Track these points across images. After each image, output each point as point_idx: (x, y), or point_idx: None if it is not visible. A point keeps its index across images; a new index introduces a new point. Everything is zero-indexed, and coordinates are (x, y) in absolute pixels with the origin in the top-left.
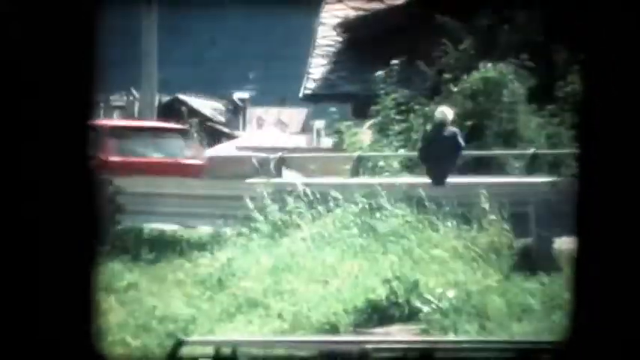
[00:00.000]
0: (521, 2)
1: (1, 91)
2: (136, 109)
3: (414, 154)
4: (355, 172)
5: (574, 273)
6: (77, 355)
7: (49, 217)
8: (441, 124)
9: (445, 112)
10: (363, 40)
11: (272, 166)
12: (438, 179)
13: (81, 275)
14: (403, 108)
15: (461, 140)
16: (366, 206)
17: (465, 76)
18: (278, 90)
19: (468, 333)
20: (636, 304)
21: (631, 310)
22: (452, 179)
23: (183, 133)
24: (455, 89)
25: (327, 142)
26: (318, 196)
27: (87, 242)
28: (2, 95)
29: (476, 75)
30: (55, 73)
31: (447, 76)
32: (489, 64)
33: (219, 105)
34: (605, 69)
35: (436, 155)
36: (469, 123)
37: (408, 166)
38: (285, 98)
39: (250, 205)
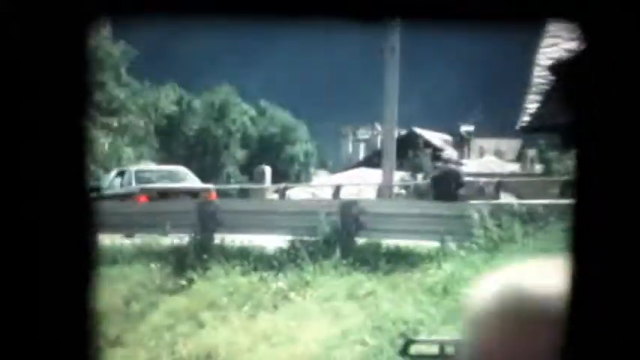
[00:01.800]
0: None
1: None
2: (379, 141)
3: None
4: (563, 194)
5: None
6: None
7: (45, 219)
8: (446, 162)
9: (449, 151)
10: (573, 79)
11: (491, 189)
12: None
13: (78, 278)
14: None
15: (460, 176)
16: None
17: None
18: (497, 123)
19: None
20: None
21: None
22: None
23: None
24: None
25: (538, 168)
26: (530, 215)
27: (84, 245)
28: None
29: None
30: (53, 73)
31: None
32: None
33: (448, 137)
34: None
35: (441, 186)
36: None
37: None
38: (503, 130)
39: (472, 222)
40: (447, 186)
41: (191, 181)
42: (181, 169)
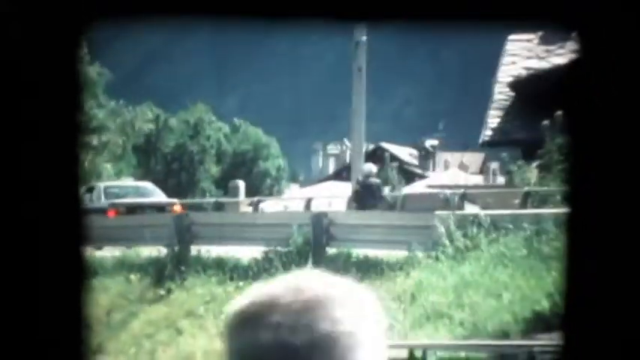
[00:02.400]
0: None
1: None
2: (347, 155)
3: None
4: (524, 204)
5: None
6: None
7: (39, 220)
8: (367, 176)
9: (370, 167)
10: (532, 95)
11: (456, 200)
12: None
13: (72, 279)
14: (564, 150)
15: (380, 189)
16: (534, 232)
17: None
18: (461, 137)
19: None
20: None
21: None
22: None
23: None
24: None
25: (501, 180)
26: (494, 224)
27: (77, 248)
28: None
29: None
30: (51, 73)
31: None
32: None
33: (413, 151)
34: None
35: (364, 198)
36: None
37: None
38: (466, 144)
39: (438, 232)
40: (368, 198)
41: (157, 195)
42: (148, 185)
